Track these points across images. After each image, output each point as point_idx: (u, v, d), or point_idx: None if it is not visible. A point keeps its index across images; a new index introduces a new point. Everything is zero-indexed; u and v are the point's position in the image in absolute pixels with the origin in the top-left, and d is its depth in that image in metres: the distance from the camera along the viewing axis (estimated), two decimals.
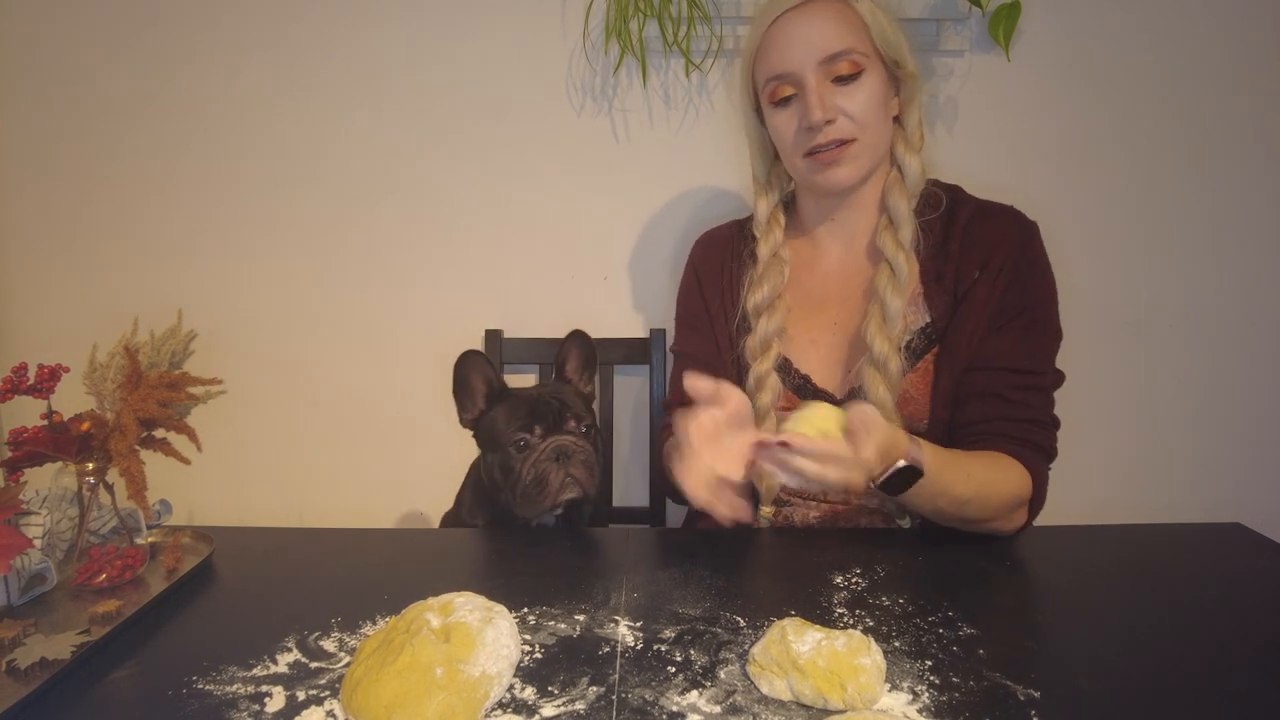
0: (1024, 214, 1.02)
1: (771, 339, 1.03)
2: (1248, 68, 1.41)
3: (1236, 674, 0.64)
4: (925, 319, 1.00)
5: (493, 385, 1.00)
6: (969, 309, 0.97)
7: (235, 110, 1.47)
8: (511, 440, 0.94)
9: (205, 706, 0.60)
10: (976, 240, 0.99)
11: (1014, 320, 0.97)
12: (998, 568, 0.85)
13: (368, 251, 1.51)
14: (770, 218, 1.09)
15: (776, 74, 0.98)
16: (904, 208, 1.00)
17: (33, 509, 0.82)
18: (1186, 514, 1.47)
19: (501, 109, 1.46)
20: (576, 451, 0.94)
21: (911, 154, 1.01)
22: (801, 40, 0.95)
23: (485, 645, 0.61)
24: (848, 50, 0.94)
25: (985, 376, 0.96)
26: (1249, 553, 0.89)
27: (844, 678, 0.59)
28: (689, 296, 1.16)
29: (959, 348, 0.97)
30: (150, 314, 0.95)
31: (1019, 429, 0.94)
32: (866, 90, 0.96)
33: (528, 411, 0.96)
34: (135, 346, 0.89)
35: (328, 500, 1.58)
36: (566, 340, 1.04)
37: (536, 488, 0.92)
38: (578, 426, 0.97)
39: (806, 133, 0.97)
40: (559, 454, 0.93)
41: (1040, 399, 0.97)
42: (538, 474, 0.93)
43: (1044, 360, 0.98)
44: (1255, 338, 1.48)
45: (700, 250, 1.17)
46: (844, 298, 1.06)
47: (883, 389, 0.95)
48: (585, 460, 0.94)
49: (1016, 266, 0.97)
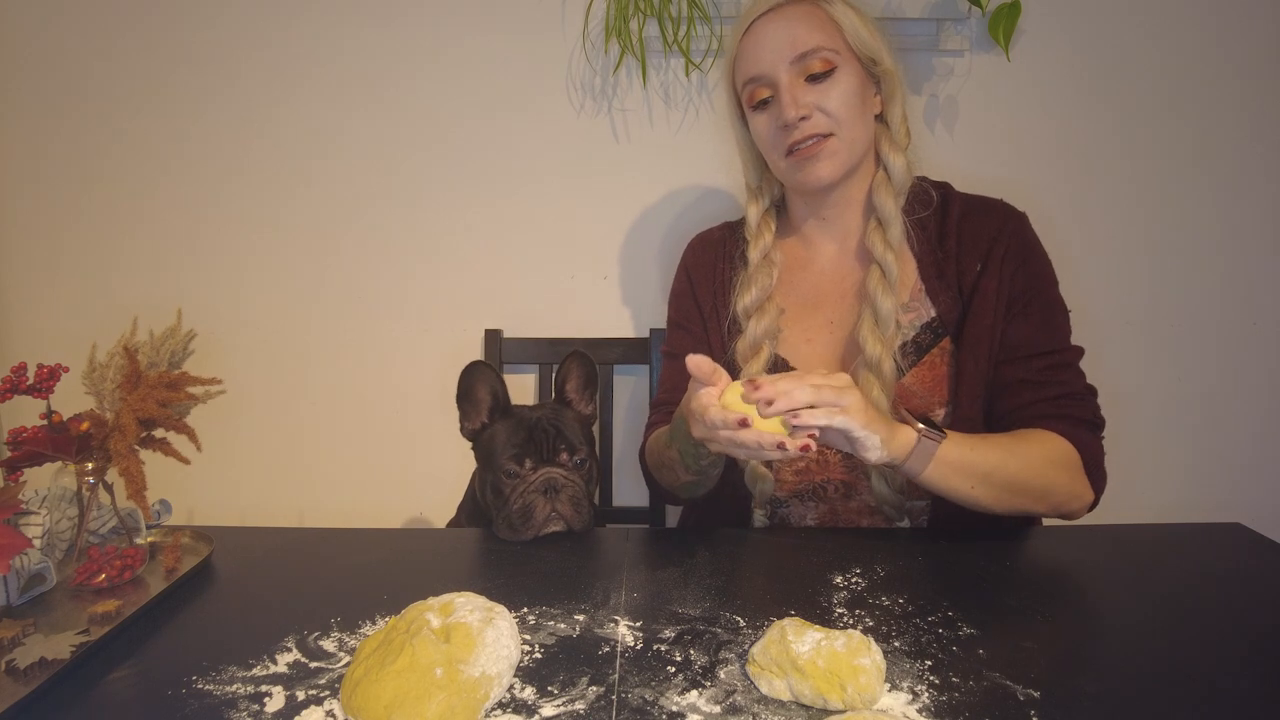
0: (1013, 205, 1.04)
1: (762, 341, 1.03)
2: (1248, 67, 1.41)
3: (1236, 674, 0.64)
4: (930, 314, 1.01)
5: (498, 399, 0.99)
6: (981, 303, 0.98)
7: (234, 110, 1.47)
8: (503, 468, 0.94)
9: (205, 706, 0.60)
10: (972, 234, 1.00)
11: (1027, 306, 0.98)
12: (998, 568, 0.85)
13: (367, 251, 1.51)
14: (761, 222, 1.09)
15: (752, 76, 1.00)
16: (891, 207, 1.00)
17: (32, 509, 0.82)
18: (1186, 514, 1.48)
19: (501, 109, 1.46)
20: (565, 486, 0.93)
21: (896, 152, 1.02)
22: (773, 42, 0.97)
23: (486, 646, 0.61)
24: (818, 48, 0.96)
25: (1011, 367, 0.98)
26: (1249, 553, 0.89)
27: (844, 678, 0.59)
28: (681, 299, 1.16)
29: (980, 340, 0.98)
30: (150, 314, 0.95)
31: (1054, 406, 0.96)
32: (841, 86, 0.97)
33: (525, 438, 0.95)
34: (135, 346, 0.89)
35: (327, 500, 1.58)
36: (567, 360, 1.03)
37: (522, 518, 0.92)
38: (569, 459, 0.96)
39: (784, 131, 0.98)
40: (548, 487, 0.93)
41: (1068, 374, 0.98)
42: (524, 504, 0.92)
43: (1062, 337, 1.00)
44: (1255, 338, 1.48)
45: (692, 253, 1.17)
46: (839, 296, 1.06)
47: (877, 391, 0.95)
48: (573, 496, 0.94)
49: (1018, 255, 0.99)
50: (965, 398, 0.99)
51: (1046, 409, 0.96)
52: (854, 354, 0.99)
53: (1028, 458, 0.90)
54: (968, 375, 0.98)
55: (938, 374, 1.00)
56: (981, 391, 0.99)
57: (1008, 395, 0.98)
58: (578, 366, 1.04)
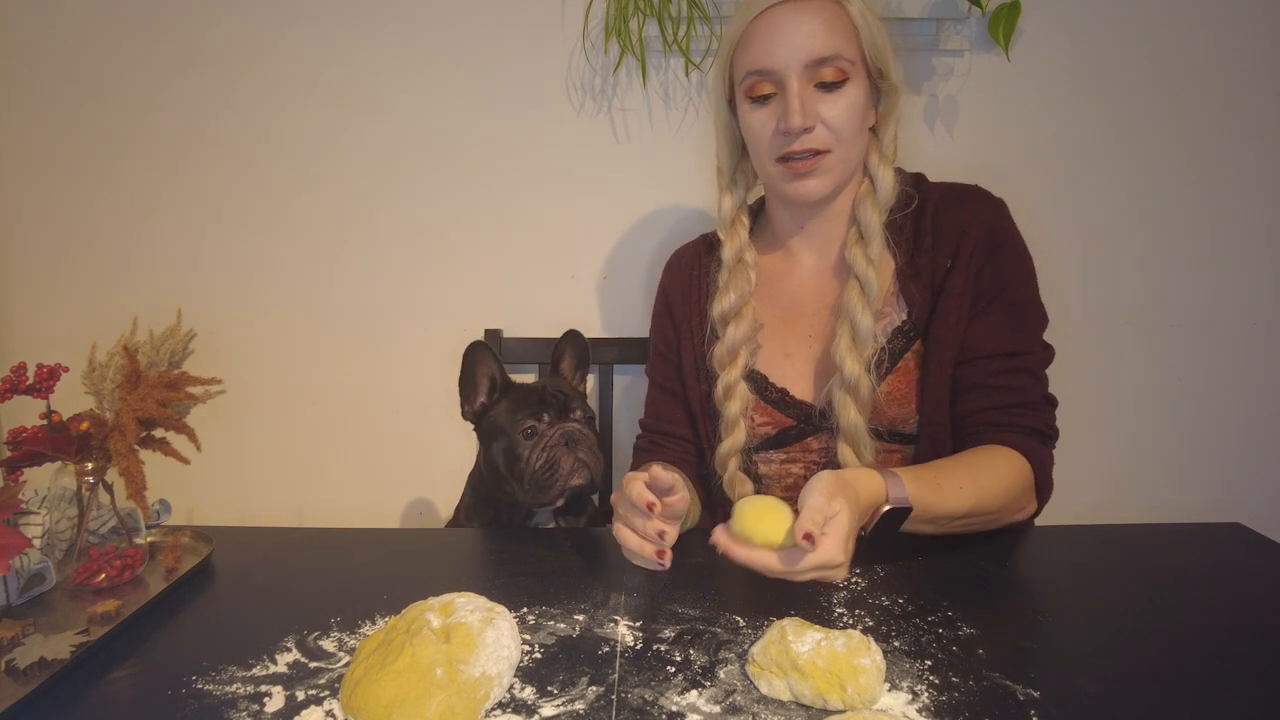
0: (989, 192, 1.00)
1: (739, 346, 1.01)
2: (1247, 67, 1.40)
3: (1236, 674, 0.64)
4: (901, 316, 0.98)
5: (495, 379, 1.02)
6: (948, 301, 0.95)
7: (234, 111, 1.47)
8: (520, 428, 0.95)
9: (204, 706, 0.60)
10: (945, 228, 0.97)
11: (992, 304, 0.95)
12: (998, 568, 0.85)
13: (367, 251, 1.51)
14: (735, 217, 1.05)
15: (758, 69, 0.93)
16: (875, 221, 0.97)
17: (32, 509, 0.82)
18: (1186, 514, 1.48)
19: (500, 108, 1.46)
20: (584, 438, 0.96)
21: (885, 166, 0.98)
22: (789, 38, 0.90)
23: (486, 646, 0.61)
24: (836, 56, 0.90)
25: (970, 368, 0.95)
26: (1249, 553, 0.89)
27: (843, 678, 0.58)
28: (659, 322, 1.15)
29: (944, 342, 0.95)
30: (150, 313, 0.95)
31: (1009, 415, 0.93)
32: (849, 99, 0.92)
33: (536, 401, 0.97)
34: (135, 346, 0.89)
35: (327, 500, 1.58)
36: (562, 340, 1.06)
37: (547, 472, 0.93)
38: (582, 416, 0.99)
39: (782, 136, 0.93)
40: (568, 439, 0.95)
41: (1026, 380, 0.95)
42: (549, 459, 0.94)
43: (1028, 340, 0.96)
44: (1255, 337, 1.48)
45: (668, 273, 1.16)
46: (817, 309, 1.04)
47: (853, 412, 0.93)
48: (591, 446, 0.96)
49: (988, 249, 0.95)
50: (930, 402, 0.96)
51: (998, 417, 0.93)
52: (831, 370, 0.96)
53: (990, 493, 0.87)
54: (933, 378, 0.95)
55: (911, 380, 0.97)
56: (946, 394, 0.96)
57: (963, 399, 0.95)
58: (572, 345, 1.07)
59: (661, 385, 1.14)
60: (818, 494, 0.72)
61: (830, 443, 0.99)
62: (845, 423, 0.94)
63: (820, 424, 1.00)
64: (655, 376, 1.15)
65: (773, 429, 1.03)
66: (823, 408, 0.99)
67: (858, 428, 0.94)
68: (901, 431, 0.99)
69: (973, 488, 0.86)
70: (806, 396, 1.02)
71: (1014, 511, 0.91)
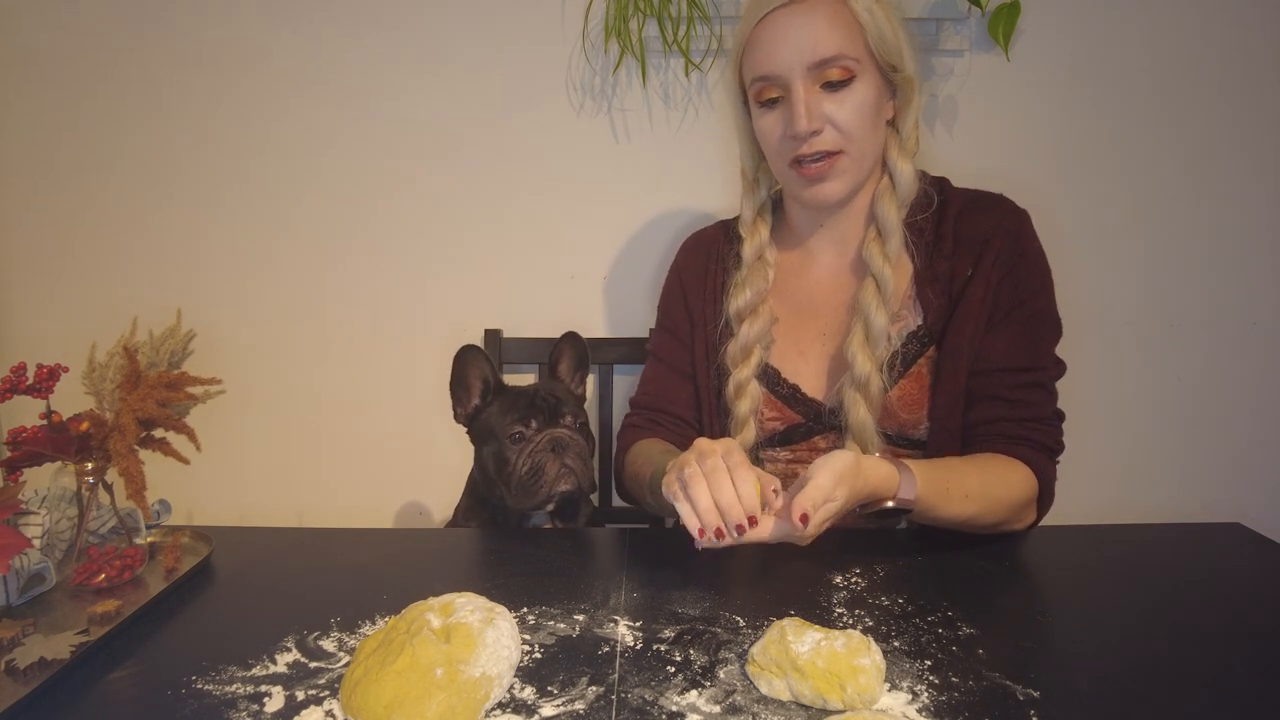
0: (1013, 202, 1.00)
1: (753, 345, 1.01)
2: (1247, 67, 1.40)
3: (1236, 674, 0.64)
4: (917, 322, 0.98)
5: (488, 382, 1.01)
6: (966, 310, 0.95)
7: (234, 111, 1.47)
8: (508, 433, 0.95)
9: (204, 706, 0.60)
10: (968, 236, 0.97)
11: (1010, 316, 0.95)
12: (998, 568, 0.85)
13: (366, 251, 1.51)
14: (756, 217, 1.06)
15: (763, 74, 0.93)
16: (893, 218, 0.96)
17: (32, 509, 0.82)
18: (1186, 514, 1.48)
19: (500, 109, 1.46)
20: (571, 444, 0.95)
21: (905, 160, 0.97)
22: (790, 42, 0.90)
23: (486, 646, 0.61)
24: (839, 55, 0.90)
25: (985, 379, 0.95)
26: (1249, 553, 0.89)
27: (843, 678, 0.59)
28: (670, 300, 1.14)
29: (960, 350, 0.95)
30: (150, 314, 0.95)
31: (1022, 429, 0.94)
32: (858, 98, 0.91)
33: (526, 405, 0.97)
34: (134, 346, 0.89)
35: (327, 500, 1.58)
36: (560, 341, 1.06)
37: (532, 478, 0.93)
38: (573, 422, 0.98)
39: (791, 140, 0.93)
40: (555, 445, 0.94)
41: (1041, 395, 0.96)
42: (534, 465, 0.94)
43: (1043, 354, 0.96)
44: (1255, 338, 1.48)
45: (685, 254, 1.15)
46: (833, 307, 1.04)
47: (863, 410, 0.94)
48: (580, 453, 0.96)
49: (1009, 260, 0.95)
50: (941, 409, 0.96)
51: (1012, 429, 0.94)
52: (843, 369, 0.96)
53: (995, 502, 0.88)
54: (945, 384, 0.95)
55: (923, 385, 0.97)
56: (959, 403, 0.96)
57: (977, 407, 0.96)
58: (570, 348, 1.06)
59: (668, 363, 1.11)
60: (826, 475, 0.74)
61: (838, 443, 0.99)
62: (854, 420, 0.94)
63: (829, 422, 1.00)
64: (660, 352, 1.13)
65: (781, 425, 1.03)
66: (833, 406, 0.99)
67: (866, 426, 0.94)
68: (911, 436, 0.99)
69: (979, 496, 0.87)
70: (817, 394, 1.02)
71: (1014, 522, 0.92)
